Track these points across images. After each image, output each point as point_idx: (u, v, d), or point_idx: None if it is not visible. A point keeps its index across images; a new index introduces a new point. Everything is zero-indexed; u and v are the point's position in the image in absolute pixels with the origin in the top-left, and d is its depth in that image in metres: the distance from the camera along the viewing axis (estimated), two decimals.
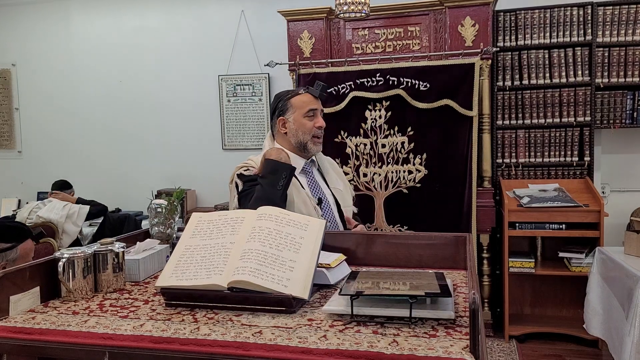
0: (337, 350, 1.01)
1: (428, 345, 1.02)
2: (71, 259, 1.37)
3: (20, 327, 1.19)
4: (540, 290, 3.97)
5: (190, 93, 5.18)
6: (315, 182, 2.12)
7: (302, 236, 1.39)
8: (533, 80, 3.96)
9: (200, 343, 1.07)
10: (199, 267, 1.32)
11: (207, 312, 1.24)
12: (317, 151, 2.11)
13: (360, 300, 1.18)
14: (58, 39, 5.49)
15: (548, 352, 3.55)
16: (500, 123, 4.02)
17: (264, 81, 4.95)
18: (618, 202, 4.10)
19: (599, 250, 3.26)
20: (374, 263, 1.66)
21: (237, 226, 1.42)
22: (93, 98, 5.43)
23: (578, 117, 3.91)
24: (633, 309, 2.63)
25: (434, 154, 3.72)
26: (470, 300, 0.99)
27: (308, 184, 2.09)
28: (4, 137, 5.70)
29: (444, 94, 3.63)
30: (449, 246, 1.63)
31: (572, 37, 3.89)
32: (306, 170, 2.12)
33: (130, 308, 1.30)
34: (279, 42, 4.49)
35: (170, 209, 1.77)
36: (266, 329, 1.13)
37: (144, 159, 5.35)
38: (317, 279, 1.36)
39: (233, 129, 5.08)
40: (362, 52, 3.99)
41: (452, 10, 3.72)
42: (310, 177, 2.12)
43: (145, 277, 1.57)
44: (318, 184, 2.12)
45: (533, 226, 3.61)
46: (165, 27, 5.22)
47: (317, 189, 2.10)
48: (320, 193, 2.09)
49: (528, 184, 3.89)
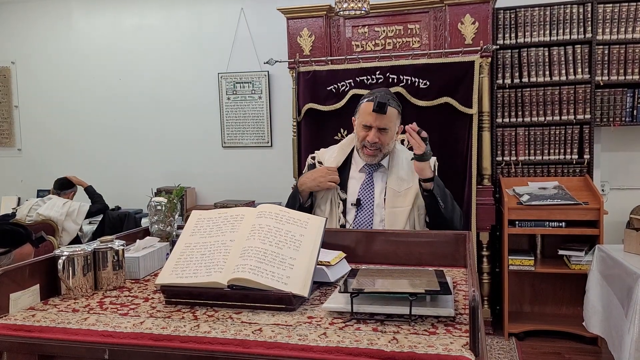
0: (337, 347, 1.01)
1: (428, 342, 1.02)
2: (71, 257, 1.38)
3: (20, 324, 1.19)
4: (539, 288, 3.98)
5: (190, 90, 5.17)
6: (371, 183, 2.14)
7: (302, 234, 1.40)
8: (533, 78, 3.96)
9: (200, 340, 1.07)
10: (198, 264, 1.32)
11: (207, 310, 1.24)
12: (367, 161, 2.14)
13: (360, 298, 1.18)
14: (58, 36, 5.48)
15: (547, 349, 3.56)
16: (500, 121, 4.02)
17: (263, 79, 4.94)
18: (618, 199, 4.10)
19: (598, 248, 3.26)
20: (374, 261, 1.67)
21: (237, 224, 1.42)
22: (93, 96, 5.43)
23: (578, 114, 3.91)
24: (632, 306, 2.63)
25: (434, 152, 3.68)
26: (470, 298, 0.99)
27: (362, 183, 2.14)
28: (4, 135, 5.70)
29: (444, 92, 3.62)
30: (449, 244, 1.64)
31: (572, 34, 3.89)
32: (366, 169, 2.16)
33: (130, 306, 1.30)
34: (278, 39, 4.48)
35: (170, 206, 1.77)
36: (266, 326, 1.13)
37: (143, 157, 5.35)
38: (317, 276, 1.37)
39: (233, 126, 5.08)
40: (362, 50, 3.98)
41: (452, 7, 3.71)
42: (368, 177, 2.15)
43: (145, 275, 1.57)
44: (373, 185, 2.13)
45: (533, 224, 3.61)
46: (165, 24, 5.21)
47: (365, 190, 2.12)
48: (366, 195, 2.11)
49: (528, 182, 3.89)
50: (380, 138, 2.07)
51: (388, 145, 2.11)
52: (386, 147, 2.11)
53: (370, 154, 2.10)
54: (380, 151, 2.10)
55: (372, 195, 2.11)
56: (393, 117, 2.09)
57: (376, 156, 2.11)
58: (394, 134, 2.12)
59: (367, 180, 2.15)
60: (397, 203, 2.07)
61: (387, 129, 2.08)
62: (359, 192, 2.13)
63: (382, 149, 2.10)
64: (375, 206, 2.09)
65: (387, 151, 2.12)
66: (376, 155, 2.10)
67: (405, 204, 2.06)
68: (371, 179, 2.15)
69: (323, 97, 3.82)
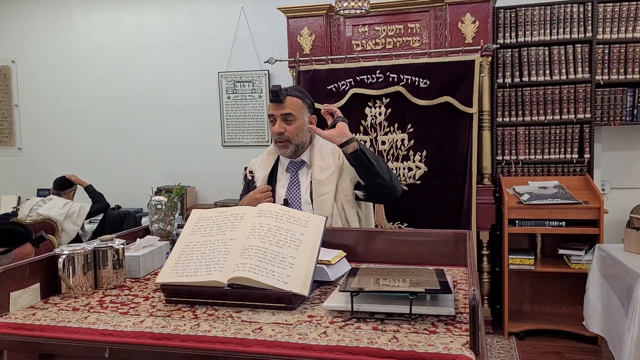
0: (337, 346, 1.01)
1: (428, 341, 1.02)
2: (71, 256, 1.38)
3: (21, 323, 1.19)
4: (539, 287, 3.98)
5: (190, 90, 5.17)
6: (297, 182, 2.14)
7: (302, 233, 1.40)
8: (533, 77, 3.96)
9: (201, 339, 1.07)
10: (199, 263, 1.32)
11: (207, 309, 1.24)
12: (282, 154, 2.15)
13: (360, 297, 1.18)
14: (58, 35, 5.48)
15: (547, 349, 3.56)
16: (500, 120, 4.02)
17: (263, 78, 4.94)
18: (618, 199, 4.10)
19: (598, 247, 3.26)
20: (374, 260, 1.66)
21: (237, 223, 1.42)
22: (93, 95, 5.43)
23: (578, 114, 3.90)
24: (633, 306, 2.63)
25: (434, 151, 3.72)
26: (470, 297, 0.99)
27: (288, 183, 2.14)
28: (4, 134, 5.70)
29: (444, 91, 3.62)
30: (449, 243, 1.64)
31: (572, 34, 3.89)
32: (291, 169, 2.17)
33: (131, 304, 1.30)
34: (278, 38, 4.48)
35: (170, 205, 1.77)
36: (266, 325, 1.13)
37: (143, 156, 5.35)
38: (317, 275, 1.37)
39: (233, 125, 5.08)
40: (362, 49, 3.98)
41: (453, 7, 3.71)
42: (293, 176, 2.15)
43: (145, 274, 1.57)
44: (298, 184, 2.13)
45: (533, 223, 3.61)
46: (165, 23, 5.21)
47: (291, 189, 2.13)
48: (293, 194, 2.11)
49: (528, 181, 3.89)
50: (285, 128, 2.06)
51: (297, 136, 2.08)
52: (295, 138, 2.07)
53: (281, 146, 2.09)
54: (290, 142, 2.07)
55: (298, 194, 2.11)
56: (296, 106, 2.07)
57: (287, 147, 2.08)
58: (302, 124, 2.09)
59: (293, 180, 2.15)
60: (322, 190, 2.06)
61: (292, 118, 2.06)
62: (286, 193, 2.13)
63: (291, 139, 2.07)
64: (303, 204, 2.09)
65: (298, 142, 2.09)
66: (287, 147, 2.08)
67: (328, 189, 2.06)
68: (296, 178, 2.15)
69: (323, 96, 3.81)
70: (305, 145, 2.14)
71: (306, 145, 2.15)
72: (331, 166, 2.09)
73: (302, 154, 2.15)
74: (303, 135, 2.11)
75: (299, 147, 2.12)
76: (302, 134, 2.10)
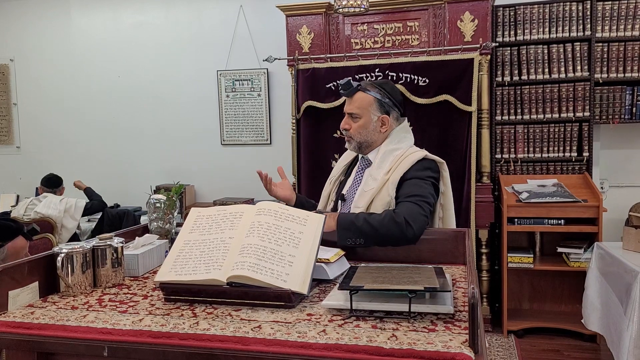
0: (336, 344, 1.01)
1: (427, 339, 1.02)
2: (70, 254, 1.37)
3: (19, 322, 1.19)
4: (538, 285, 3.98)
5: (189, 88, 5.16)
6: (359, 179, 2.10)
7: (302, 231, 1.39)
8: (532, 75, 3.96)
9: (200, 338, 1.07)
10: (198, 262, 1.32)
11: (206, 307, 1.24)
12: (349, 148, 2.10)
13: (360, 295, 1.18)
14: (57, 34, 5.47)
15: (546, 347, 3.56)
16: (499, 118, 4.02)
17: (262, 76, 4.94)
18: (617, 197, 4.10)
19: (597, 245, 3.26)
20: (373, 258, 1.66)
21: (236, 221, 1.42)
22: (92, 93, 5.42)
23: (577, 112, 3.91)
24: (631, 304, 2.63)
25: (433, 149, 3.66)
26: (469, 295, 0.99)
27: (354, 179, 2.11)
28: (2, 133, 5.69)
29: (443, 90, 3.62)
30: (448, 241, 1.64)
31: (571, 32, 3.89)
32: (361, 165, 2.12)
33: (129, 303, 1.30)
34: (277, 37, 4.47)
35: (169, 204, 1.77)
36: (265, 323, 1.13)
37: (142, 154, 5.35)
38: (316, 273, 1.36)
39: (232, 124, 5.07)
40: (361, 48, 3.98)
41: (452, 5, 3.71)
42: (359, 173, 2.11)
43: (144, 272, 1.57)
44: (359, 182, 2.09)
45: (532, 221, 3.61)
46: (164, 22, 5.20)
47: (352, 186, 2.10)
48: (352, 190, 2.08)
49: (527, 180, 3.89)
50: (350, 125, 2.03)
51: (360, 134, 2.01)
52: (357, 136, 2.01)
53: (349, 140, 2.06)
54: (353, 139, 2.04)
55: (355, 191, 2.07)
56: (364, 104, 2.00)
57: (350, 143, 2.06)
58: (366, 123, 2.00)
59: (357, 176, 2.11)
60: (359, 202, 1.98)
61: (356, 116, 2.01)
62: (348, 188, 2.10)
63: (354, 137, 2.03)
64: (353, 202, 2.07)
65: (361, 140, 2.02)
66: (350, 142, 2.06)
67: (360, 205, 1.95)
68: (361, 175, 2.10)
69: (322, 95, 3.81)
70: (373, 144, 2.04)
71: (375, 144, 2.05)
72: (377, 180, 1.97)
73: (370, 152, 2.06)
74: (367, 134, 2.02)
75: (363, 145, 2.04)
76: (366, 132, 2.01)
